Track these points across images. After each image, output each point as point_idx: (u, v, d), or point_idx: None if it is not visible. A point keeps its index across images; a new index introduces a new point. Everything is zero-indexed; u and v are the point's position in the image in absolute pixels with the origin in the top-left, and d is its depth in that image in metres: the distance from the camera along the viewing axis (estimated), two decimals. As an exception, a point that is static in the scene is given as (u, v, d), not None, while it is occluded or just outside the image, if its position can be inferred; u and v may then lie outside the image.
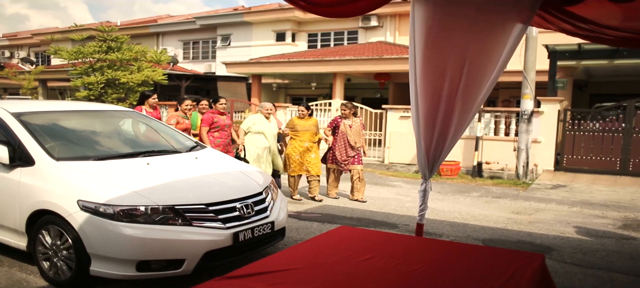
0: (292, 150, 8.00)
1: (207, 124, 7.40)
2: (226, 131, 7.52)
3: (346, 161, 8.05)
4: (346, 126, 8.08)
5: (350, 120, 8.17)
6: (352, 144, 8.01)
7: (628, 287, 4.40)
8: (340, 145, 8.06)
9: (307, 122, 8.11)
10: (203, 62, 26.85)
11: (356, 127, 8.15)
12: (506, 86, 18.15)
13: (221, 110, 7.55)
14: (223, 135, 7.48)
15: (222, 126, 7.47)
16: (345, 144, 8.04)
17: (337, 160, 8.07)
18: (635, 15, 3.63)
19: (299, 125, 8.05)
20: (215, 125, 7.41)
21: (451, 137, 3.82)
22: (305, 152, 7.95)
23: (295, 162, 7.96)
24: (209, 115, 7.45)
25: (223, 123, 7.50)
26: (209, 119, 7.42)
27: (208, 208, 4.03)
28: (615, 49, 12.42)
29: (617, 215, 7.51)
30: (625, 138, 11.60)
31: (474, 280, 2.12)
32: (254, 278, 2.07)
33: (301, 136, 7.99)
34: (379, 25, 21.91)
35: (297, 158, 7.95)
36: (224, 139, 7.48)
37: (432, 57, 3.48)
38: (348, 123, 8.12)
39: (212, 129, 7.40)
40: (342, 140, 8.05)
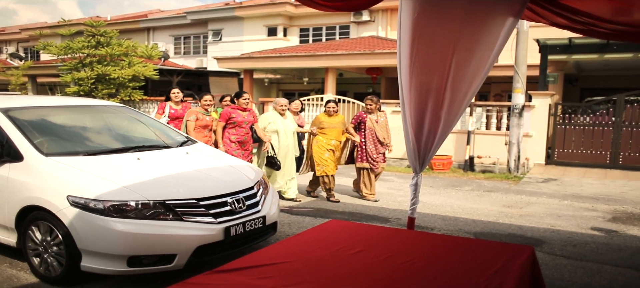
0: (319, 148, 7.58)
1: (223, 119, 6.92)
2: (244, 128, 6.98)
3: (378, 158, 7.62)
4: (372, 121, 7.62)
5: (376, 114, 7.71)
6: (381, 139, 7.58)
7: (616, 278, 4.44)
8: (369, 143, 7.58)
9: (335, 119, 7.71)
10: (194, 57, 26.73)
11: (382, 121, 7.73)
12: (498, 80, 18.22)
13: (244, 106, 6.99)
14: (240, 132, 6.94)
15: (239, 123, 6.93)
16: (374, 140, 7.59)
17: (371, 158, 7.58)
18: (628, 8, 3.65)
19: (326, 123, 7.64)
20: (232, 121, 6.90)
21: (441, 131, 3.82)
22: (332, 151, 7.57)
23: (324, 161, 7.52)
24: (227, 110, 6.98)
25: (241, 119, 6.95)
26: (226, 114, 6.93)
27: (199, 203, 4.02)
28: (605, 44, 12.50)
29: (607, 208, 7.57)
30: (615, 132, 11.68)
31: (463, 272, 2.13)
32: (244, 272, 2.06)
33: (328, 134, 7.59)
34: (371, 19, 21.92)
35: (326, 157, 7.52)
36: (240, 136, 6.94)
37: (420, 51, 3.48)
38: (374, 118, 7.65)
39: (229, 125, 6.92)
40: (371, 137, 7.58)
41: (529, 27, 11.29)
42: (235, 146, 6.88)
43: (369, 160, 7.59)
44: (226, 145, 6.86)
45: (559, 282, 4.29)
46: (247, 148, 7.06)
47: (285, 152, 7.43)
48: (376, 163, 7.61)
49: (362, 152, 7.64)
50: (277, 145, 7.39)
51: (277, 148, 7.38)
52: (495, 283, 1.97)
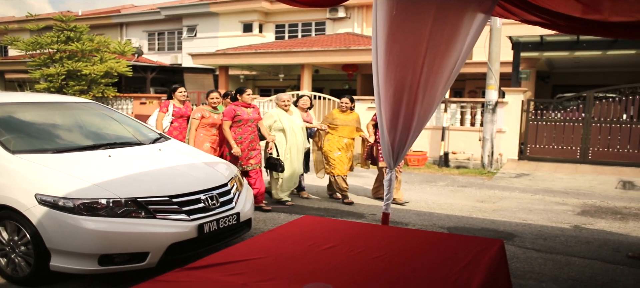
0: (330, 147, 7.16)
1: (229, 117, 6.44)
2: (250, 126, 6.55)
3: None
4: None
5: None
6: None
7: (584, 269, 4.55)
8: None
9: (348, 117, 7.26)
10: (169, 54, 26.44)
11: None
12: (472, 77, 18.46)
13: (248, 102, 6.57)
14: (245, 130, 6.49)
15: (245, 121, 6.47)
16: None
17: None
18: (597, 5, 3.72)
19: (339, 119, 7.20)
20: (237, 119, 6.44)
21: (415, 127, 3.85)
22: (346, 149, 7.18)
23: (335, 160, 7.11)
24: (231, 107, 6.51)
25: (247, 117, 6.50)
26: (231, 112, 6.45)
27: (172, 200, 3.97)
28: (575, 41, 12.76)
29: (577, 201, 7.74)
30: (584, 127, 11.95)
31: (434, 265, 2.15)
32: (215, 268, 2.05)
33: (340, 132, 7.17)
34: (347, 16, 21.97)
35: (337, 155, 7.12)
36: (248, 135, 6.51)
37: (394, 47, 3.50)
38: None
39: (234, 124, 6.46)
40: None
41: (502, 24, 11.45)
42: (243, 146, 6.43)
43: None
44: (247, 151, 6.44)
45: (529, 275, 4.37)
46: (255, 147, 6.61)
47: (295, 151, 7.00)
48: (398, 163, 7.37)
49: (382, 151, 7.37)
50: (285, 146, 6.94)
51: (285, 149, 6.93)
52: (464, 276, 2.00)
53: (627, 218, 6.70)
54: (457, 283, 1.94)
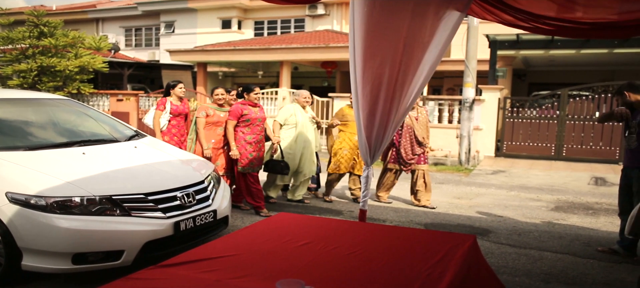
0: (341, 144, 6.92)
1: (235, 117, 6.11)
2: (258, 126, 6.23)
3: (412, 160, 6.84)
4: (412, 119, 6.78)
5: (417, 111, 6.89)
6: (420, 139, 6.78)
7: (556, 264, 4.65)
8: (405, 142, 6.78)
9: None
10: (146, 50, 26.11)
11: (423, 119, 6.91)
12: (450, 75, 18.65)
13: (255, 101, 6.26)
14: (255, 130, 6.18)
15: (253, 120, 6.15)
16: (411, 140, 6.78)
17: (402, 160, 6.82)
18: (571, 5, 3.79)
19: (350, 115, 6.84)
20: (245, 118, 6.12)
21: (391, 124, 3.88)
22: (355, 148, 6.84)
23: (343, 158, 6.87)
24: (237, 106, 6.16)
25: (254, 116, 6.18)
26: (238, 111, 6.11)
27: (147, 198, 3.93)
28: (550, 40, 12.98)
29: (551, 198, 7.89)
30: (559, 125, 12.17)
31: (408, 260, 2.17)
32: (189, 265, 2.04)
33: (351, 128, 6.83)
34: (326, 13, 21.99)
35: (346, 154, 6.86)
36: (256, 135, 6.20)
37: (371, 45, 3.52)
38: (414, 115, 6.82)
39: (241, 123, 6.14)
40: (408, 136, 6.79)
41: (479, 22, 11.59)
42: (251, 147, 6.14)
43: (400, 163, 6.88)
44: (241, 147, 6.12)
45: (503, 269, 4.44)
46: (261, 148, 6.34)
47: (303, 147, 6.73)
48: (408, 166, 6.86)
49: (394, 153, 6.90)
50: (294, 143, 6.69)
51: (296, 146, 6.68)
52: (437, 271, 2.03)
53: (598, 213, 6.86)
54: (430, 278, 1.97)
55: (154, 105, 7.05)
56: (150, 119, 6.71)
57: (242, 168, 6.12)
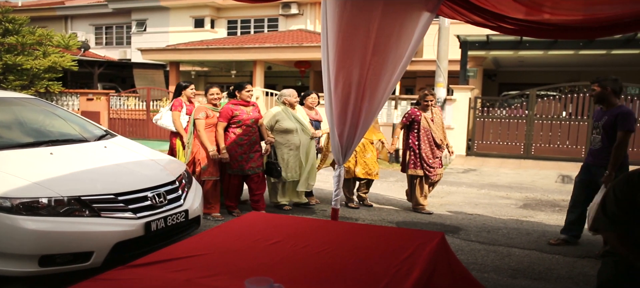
0: None
1: (225, 118, 5.87)
2: (251, 126, 5.95)
3: (434, 164, 6.39)
4: (428, 120, 6.37)
5: (431, 111, 6.47)
6: (438, 141, 6.37)
7: (523, 259, 4.76)
8: (425, 146, 6.35)
9: None
10: (117, 48, 25.70)
11: (438, 119, 6.50)
12: (423, 75, 18.88)
13: (247, 100, 6.00)
14: (247, 131, 5.91)
15: (245, 121, 5.88)
16: (430, 143, 6.37)
17: (426, 164, 6.37)
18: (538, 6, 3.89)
19: None
20: (236, 120, 5.87)
21: (362, 123, 3.92)
22: (361, 151, 6.57)
23: (347, 162, 6.38)
24: (227, 107, 5.91)
25: (246, 116, 5.91)
26: (228, 112, 5.86)
27: (117, 198, 3.89)
28: (518, 41, 13.26)
29: (519, 195, 8.06)
30: (528, 124, 12.44)
31: (377, 258, 2.21)
32: (158, 265, 2.03)
33: None
34: (300, 13, 21.99)
35: (351, 158, 6.47)
36: (249, 136, 5.93)
37: (343, 45, 3.55)
38: (428, 116, 6.41)
39: (233, 124, 5.90)
40: (426, 139, 6.36)
41: (450, 23, 11.77)
42: (242, 149, 5.88)
43: (424, 167, 6.40)
44: (231, 149, 5.85)
45: (472, 266, 4.53)
46: (256, 149, 6.05)
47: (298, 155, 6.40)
48: (432, 170, 6.40)
49: (416, 158, 6.43)
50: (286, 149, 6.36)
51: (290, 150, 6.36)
52: (405, 268, 2.07)
53: (564, 210, 6.97)
54: (398, 275, 2.00)
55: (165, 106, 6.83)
56: (168, 120, 6.47)
57: (231, 170, 5.96)
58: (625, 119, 4.70)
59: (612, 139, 4.78)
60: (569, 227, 5.28)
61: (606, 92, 4.83)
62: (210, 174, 5.89)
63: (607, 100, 4.85)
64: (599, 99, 4.91)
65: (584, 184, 5.06)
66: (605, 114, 4.87)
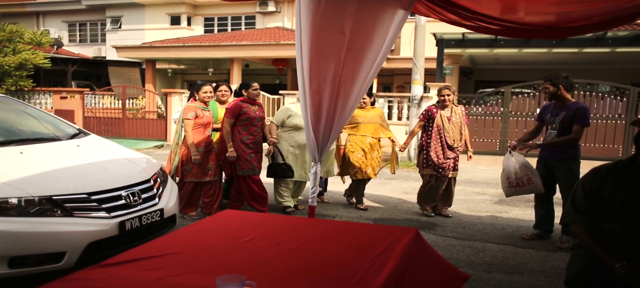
0: (352, 147, 6.41)
1: (233, 115, 5.63)
2: (257, 126, 5.80)
3: (444, 165, 6.09)
4: (443, 119, 6.08)
5: (450, 110, 6.14)
6: (450, 142, 6.06)
7: (497, 254, 4.84)
8: (435, 144, 6.09)
9: (369, 113, 6.50)
10: (92, 46, 25.29)
11: (457, 119, 6.13)
12: (400, 72, 19.00)
13: (254, 98, 5.83)
14: (252, 130, 5.75)
15: (252, 119, 5.73)
16: (441, 142, 6.09)
17: (433, 164, 6.10)
18: (513, 6, 3.95)
19: (360, 117, 6.41)
20: (243, 118, 5.68)
21: (337, 120, 3.93)
22: (369, 150, 6.43)
23: (357, 162, 6.37)
24: (236, 104, 5.67)
25: (254, 115, 5.76)
26: (236, 109, 5.63)
27: (90, 197, 3.83)
28: (493, 39, 13.43)
29: (495, 191, 8.18)
30: (503, 121, 12.62)
31: (350, 254, 2.22)
32: (130, 264, 2.01)
33: (362, 130, 6.41)
34: (277, 10, 21.93)
35: (359, 157, 6.36)
36: (254, 136, 5.77)
37: (317, 42, 3.55)
38: (446, 114, 6.10)
39: (238, 123, 5.70)
40: (438, 138, 6.09)
41: (426, 21, 11.85)
42: (249, 149, 5.72)
43: (430, 166, 6.15)
44: (238, 149, 5.66)
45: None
46: (260, 150, 5.91)
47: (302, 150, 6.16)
48: (443, 172, 6.10)
49: (425, 157, 6.20)
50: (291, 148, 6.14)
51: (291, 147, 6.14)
52: (378, 264, 2.08)
53: (539, 205, 7.16)
54: (371, 270, 2.02)
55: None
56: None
57: (242, 171, 5.74)
58: (584, 115, 4.94)
59: (569, 133, 4.94)
60: (540, 222, 5.39)
61: (560, 90, 5.00)
62: (194, 176, 5.74)
63: (562, 97, 5.04)
64: (553, 97, 5.08)
65: (544, 179, 5.18)
66: (562, 109, 5.03)
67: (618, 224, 2.62)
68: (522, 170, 5.10)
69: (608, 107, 12.07)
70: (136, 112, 16.25)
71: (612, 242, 2.62)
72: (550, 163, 5.14)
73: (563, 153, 5.01)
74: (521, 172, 5.10)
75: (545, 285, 4.08)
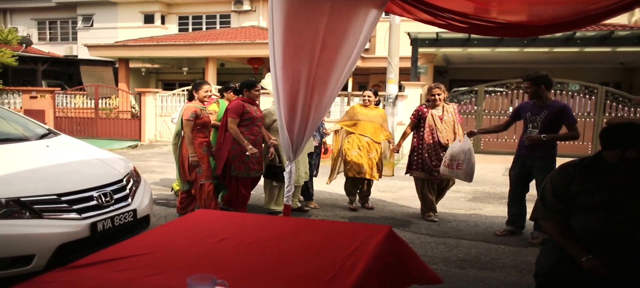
0: (349, 145, 6.30)
1: (237, 114, 5.47)
2: (258, 126, 5.67)
3: (437, 167, 5.83)
4: (434, 118, 5.90)
5: (442, 109, 5.99)
6: (443, 143, 5.85)
7: (470, 250, 4.91)
8: (428, 145, 5.89)
9: (372, 112, 6.36)
10: (63, 44, 24.77)
11: (449, 118, 5.94)
12: (376, 71, 19.10)
13: (254, 99, 5.69)
14: (253, 130, 5.60)
15: (254, 119, 5.58)
16: (434, 143, 5.89)
17: (426, 166, 5.90)
18: (485, 6, 4.00)
19: (361, 114, 6.32)
20: (246, 117, 5.52)
21: (312, 119, 3.94)
22: (366, 149, 6.27)
23: (352, 160, 6.23)
24: (239, 103, 5.53)
25: (255, 115, 5.61)
26: (239, 108, 5.48)
27: (60, 198, 3.75)
28: (467, 38, 13.61)
29: (469, 189, 8.28)
30: (477, 119, 12.79)
31: (324, 252, 2.22)
32: (100, 266, 1.97)
33: (361, 129, 6.28)
34: (252, 9, 21.82)
35: (355, 154, 6.24)
36: (255, 136, 5.62)
37: (291, 42, 3.55)
38: (437, 114, 5.93)
39: (241, 123, 5.51)
40: (430, 138, 5.89)
41: (401, 21, 11.94)
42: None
43: (425, 169, 5.93)
44: (238, 149, 5.51)
45: (422, 258, 4.60)
46: (259, 150, 5.74)
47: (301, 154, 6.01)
48: (436, 174, 5.88)
49: (416, 158, 6.02)
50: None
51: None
52: (351, 261, 2.09)
53: (511, 202, 7.29)
54: (344, 268, 2.02)
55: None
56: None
57: (237, 172, 5.57)
58: (570, 113, 5.04)
59: (550, 132, 5.01)
60: (513, 219, 5.48)
61: (541, 89, 5.06)
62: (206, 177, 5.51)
63: (543, 95, 5.09)
64: (535, 95, 5.12)
65: (521, 177, 5.27)
66: (543, 108, 5.08)
67: (585, 220, 2.70)
68: (459, 155, 5.17)
69: (578, 106, 12.34)
70: (109, 112, 15.99)
71: (579, 237, 2.69)
72: (528, 162, 5.19)
73: (542, 152, 5.07)
74: (457, 156, 5.18)
75: (517, 280, 4.15)
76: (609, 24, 14.44)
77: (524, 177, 5.27)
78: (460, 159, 5.21)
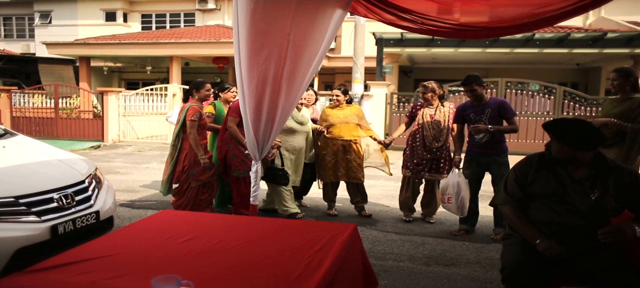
0: (323, 149, 6.03)
1: (237, 114, 5.33)
2: None
3: (420, 167, 5.76)
4: (425, 116, 5.74)
5: (436, 109, 5.75)
6: (427, 143, 5.69)
7: (435, 247, 5.00)
8: (416, 144, 5.80)
9: (343, 112, 6.06)
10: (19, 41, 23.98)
11: (440, 118, 5.69)
12: (342, 71, 19.20)
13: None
14: None
15: None
16: (418, 143, 5.80)
17: (412, 165, 5.84)
18: (449, 7, 4.08)
19: (332, 117, 6.01)
20: None
21: (278, 119, 3.93)
22: (341, 152, 6.00)
23: (328, 165, 6.02)
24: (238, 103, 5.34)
25: None
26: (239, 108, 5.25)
27: (18, 201, 3.64)
28: (431, 39, 13.83)
29: (433, 186, 8.41)
30: (440, 118, 13.00)
31: (290, 251, 2.23)
32: (61, 269, 1.92)
33: (336, 132, 5.98)
34: (217, 8, 21.62)
35: (330, 159, 6.00)
36: None
37: (256, 41, 3.53)
38: (429, 112, 5.74)
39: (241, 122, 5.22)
40: (419, 137, 5.79)
41: (366, 21, 12.04)
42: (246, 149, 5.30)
43: (407, 167, 5.90)
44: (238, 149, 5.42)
45: (389, 256, 4.69)
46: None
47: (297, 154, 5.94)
48: (419, 174, 5.81)
49: (405, 157, 5.97)
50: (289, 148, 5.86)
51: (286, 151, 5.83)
52: (317, 259, 2.11)
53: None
54: (310, 266, 2.03)
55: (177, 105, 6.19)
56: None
57: (237, 172, 5.49)
58: (510, 107, 5.24)
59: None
60: (466, 218, 5.51)
61: (478, 90, 5.26)
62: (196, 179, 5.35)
63: (481, 95, 5.30)
64: (479, 97, 5.27)
65: (476, 175, 5.38)
66: (485, 107, 5.25)
67: (535, 210, 2.90)
68: (448, 188, 5.26)
69: (537, 105, 12.71)
70: (70, 112, 15.56)
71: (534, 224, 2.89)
72: (483, 160, 5.30)
73: (497, 148, 5.22)
74: (446, 189, 5.27)
75: (481, 275, 4.25)
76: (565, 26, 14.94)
77: (479, 175, 5.39)
78: (449, 193, 5.23)
